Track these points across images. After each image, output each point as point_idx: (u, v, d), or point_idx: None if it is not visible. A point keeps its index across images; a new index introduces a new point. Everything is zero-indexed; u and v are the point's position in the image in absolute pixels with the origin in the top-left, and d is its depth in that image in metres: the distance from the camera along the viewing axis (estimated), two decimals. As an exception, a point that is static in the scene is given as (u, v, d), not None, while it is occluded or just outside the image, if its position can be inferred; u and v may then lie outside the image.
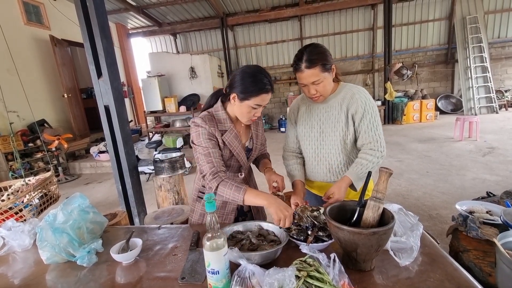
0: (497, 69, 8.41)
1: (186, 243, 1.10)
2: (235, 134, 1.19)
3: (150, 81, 7.49)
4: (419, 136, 6.13)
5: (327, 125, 1.29)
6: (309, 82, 1.18)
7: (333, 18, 8.84)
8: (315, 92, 1.21)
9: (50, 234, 1.00)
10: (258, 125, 1.32)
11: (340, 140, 1.27)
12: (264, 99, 1.11)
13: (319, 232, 0.96)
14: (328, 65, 1.18)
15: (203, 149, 1.13)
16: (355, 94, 1.25)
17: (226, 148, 1.19)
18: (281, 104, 9.69)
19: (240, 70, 1.13)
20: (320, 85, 1.19)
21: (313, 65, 1.15)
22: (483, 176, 3.55)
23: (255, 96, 1.09)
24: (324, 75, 1.18)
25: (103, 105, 2.14)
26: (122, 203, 2.30)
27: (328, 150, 1.31)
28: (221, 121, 1.18)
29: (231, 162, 1.23)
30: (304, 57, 1.16)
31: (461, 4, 8.13)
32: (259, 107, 1.13)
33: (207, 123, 1.14)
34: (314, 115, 1.32)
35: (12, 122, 4.92)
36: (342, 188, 1.19)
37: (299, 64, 1.17)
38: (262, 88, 1.08)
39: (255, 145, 1.29)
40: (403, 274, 0.82)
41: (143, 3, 7.50)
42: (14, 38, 5.21)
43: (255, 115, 1.15)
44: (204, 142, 1.13)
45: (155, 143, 5.18)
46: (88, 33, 2.03)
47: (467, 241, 1.14)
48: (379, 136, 1.23)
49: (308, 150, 1.36)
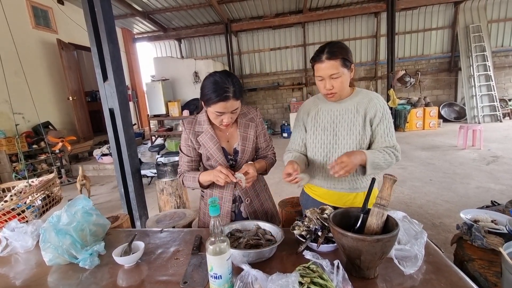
0: (500, 77, 8.40)
1: (188, 247, 1.10)
2: (210, 135, 1.25)
3: (154, 85, 7.55)
4: (422, 144, 6.10)
5: (341, 127, 1.23)
6: (328, 74, 1.14)
7: (337, 25, 8.90)
8: (331, 87, 1.16)
9: (54, 236, 1.01)
10: (248, 127, 1.29)
11: (356, 144, 1.21)
12: (224, 107, 1.10)
13: (329, 234, 0.96)
14: (348, 63, 1.15)
15: (180, 153, 1.33)
16: (373, 99, 1.22)
17: (203, 148, 1.26)
18: (283, 110, 9.71)
19: (206, 77, 1.16)
20: (338, 80, 1.15)
21: (334, 57, 1.12)
22: (487, 185, 3.51)
23: (214, 104, 1.10)
24: (343, 71, 1.14)
25: (108, 108, 2.16)
26: (124, 206, 2.30)
27: (341, 154, 1.21)
28: (200, 123, 1.27)
29: (211, 163, 1.28)
30: (326, 49, 1.14)
31: (464, 13, 8.17)
32: (223, 114, 1.13)
33: (186, 126, 1.28)
34: (328, 117, 1.27)
35: (18, 124, 4.97)
36: (354, 156, 1.09)
37: (320, 55, 1.14)
38: (219, 96, 1.08)
39: (242, 147, 1.28)
40: (407, 282, 0.81)
41: (149, 9, 7.62)
42: (22, 41, 5.30)
43: (223, 121, 1.16)
44: (182, 147, 1.32)
45: (158, 147, 5.20)
46: (96, 38, 2.06)
47: (472, 250, 1.13)
48: (395, 142, 1.21)
49: (319, 154, 1.29)
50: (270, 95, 9.73)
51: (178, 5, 7.44)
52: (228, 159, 1.28)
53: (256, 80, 9.68)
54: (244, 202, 1.33)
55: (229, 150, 1.29)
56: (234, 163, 1.29)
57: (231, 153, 1.29)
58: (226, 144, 1.29)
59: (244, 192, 1.32)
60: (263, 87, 9.61)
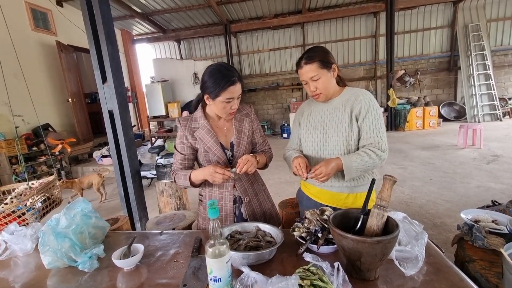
0: (500, 76, 8.40)
1: (188, 249, 1.10)
2: (207, 129, 1.27)
3: (153, 87, 7.56)
4: (422, 143, 6.09)
5: (330, 126, 1.28)
6: (309, 77, 1.23)
7: (336, 25, 8.91)
8: (315, 88, 1.24)
9: (52, 239, 1.00)
10: (243, 121, 1.34)
11: (343, 141, 1.25)
12: (233, 92, 1.17)
13: (329, 235, 0.96)
14: (328, 64, 1.22)
15: (175, 151, 1.34)
16: (359, 95, 1.25)
17: (200, 142, 1.27)
18: (283, 110, 9.71)
19: (205, 71, 1.21)
20: (319, 82, 1.22)
21: (311, 61, 1.20)
22: (487, 184, 3.51)
23: (224, 91, 1.16)
24: (323, 72, 1.21)
25: (107, 110, 2.16)
26: (124, 208, 2.29)
27: (331, 152, 1.28)
28: (196, 119, 1.30)
29: (209, 157, 1.29)
30: (305, 55, 1.24)
31: (463, 13, 8.17)
32: (232, 100, 1.19)
33: (182, 122, 1.30)
34: (318, 116, 1.33)
35: (17, 126, 4.97)
36: (331, 165, 1.14)
37: (300, 61, 1.25)
38: (228, 81, 1.15)
39: (237, 140, 1.31)
40: (408, 284, 0.80)
41: (149, 10, 7.63)
42: (21, 43, 5.30)
43: (232, 108, 1.22)
44: (177, 145, 1.33)
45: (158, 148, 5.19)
46: (94, 40, 2.06)
47: (473, 250, 1.12)
48: (381, 138, 1.21)
49: (311, 152, 1.35)
50: (269, 96, 9.73)
51: (177, 6, 7.45)
52: (225, 153, 1.30)
53: (255, 80, 9.68)
54: (244, 201, 1.33)
55: (226, 145, 1.31)
56: (232, 157, 1.31)
57: (228, 147, 1.31)
58: (223, 138, 1.31)
59: (243, 190, 1.33)
60: (262, 88, 9.61)
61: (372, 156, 1.17)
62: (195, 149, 1.31)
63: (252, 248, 0.97)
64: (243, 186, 1.34)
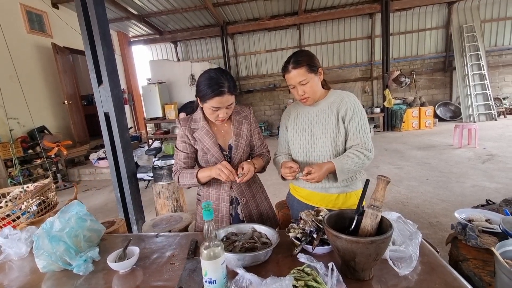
0: (494, 76, 8.49)
1: (184, 251, 1.09)
2: (206, 130, 1.28)
3: (150, 88, 7.54)
4: (418, 143, 6.14)
5: (318, 128, 1.30)
6: (296, 82, 1.23)
7: (332, 26, 8.95)
8: (303, 92, 1.25)
9: (47, 242, 1.00)
10: (242, 124, 1.34)
11: (331, 142, 1.27)
12: (220, 102, 1.16)
13: (324, 236, 0.96)
14: (315, 67, 1.24)
15: (176, 150, 1.35)
16: (345, 97, 1.29)
17: (199, 143, 1.28)
18: (280, 111, 9.72)
19: (201, 74, 1.21)
20: (307, 86, 1.23)
21: (299, 66, 1.21)
22: (482, 184, 3.54)
23: (210, 99, 1.16)
24: (311, 76, 1.23)
25: (103, 112, 2.15)
26: (121, 210, 2.28)
27: (319, 153, 1.30)
28: (196, 120, 1.31)
29: (207, 158, 1.29)
30: (292, 59, 1.24)
31: (458, 13, 8.26)
32: (218, 109, 1.19)
33: (182, 123, 1.31)
34: (305, 119, 1.35)
35: (12, 129, 4.93)
36: (323, 169, 1.17)
37: (287, 66, 1.25)
38: (215, 91, 1.14)
39: (236, 142, 1.32)
40: (402, 283, 0.81)
41: (145, 12, 7.61)
42: (17, 45, 5.26)
43: (219, 116, 1.21)
44: (178, 144, 1.34)
45: (155, 150, 5.18)
46: (90, 42, 2.06)
47: (467, 250, 1.14)
48: (367, 139, 1.25)
49: (299, 155, 1.36)
50: (266, 97, 9.75)
51: (173, 8, 7.45)
52: (224, 154, 1.30)
53: (252, 81, 9.69)
54: (240, 202, 1.34)
55: (224, 147, 1.32)
56: (229, 159, 1.32)
57: (226, 149, 1.32)
58: (222, 140, 1.32)
59: (240, 192, 1.34)
60: (259, 89, 9.62)
61: (361, 157, 1.21)
62: (195, 149, 1.33)
63: (248, 250, 0.98)
64: (240, 188, 1.34)
